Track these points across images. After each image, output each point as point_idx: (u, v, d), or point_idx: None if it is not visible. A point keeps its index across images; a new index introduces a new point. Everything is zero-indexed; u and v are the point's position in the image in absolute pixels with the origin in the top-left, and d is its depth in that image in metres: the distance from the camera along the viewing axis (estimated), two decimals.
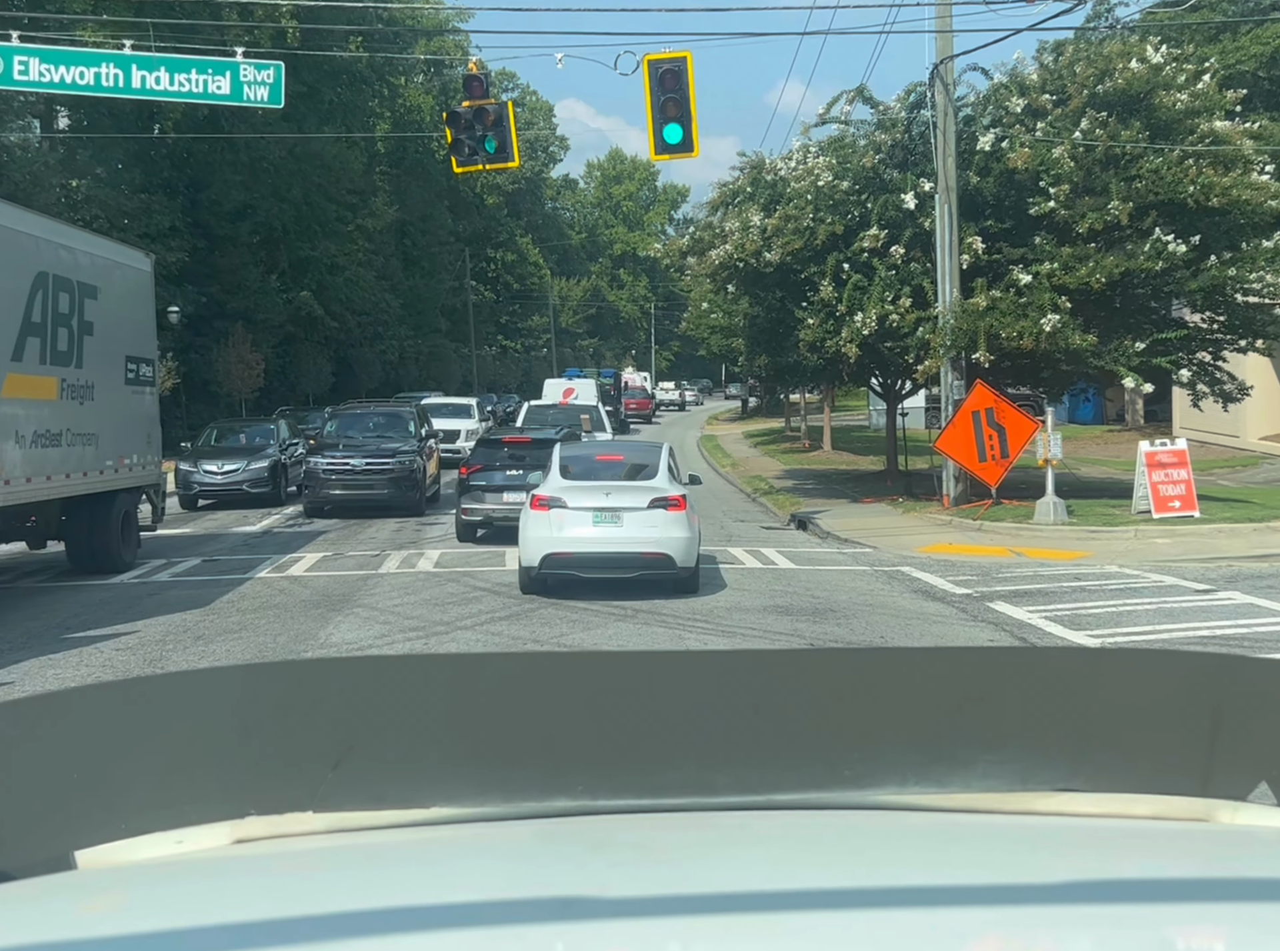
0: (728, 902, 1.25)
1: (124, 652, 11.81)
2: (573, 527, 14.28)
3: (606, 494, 14.56)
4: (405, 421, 26.13)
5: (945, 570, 16.65)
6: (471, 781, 1.59)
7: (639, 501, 14.43)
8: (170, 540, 20.46)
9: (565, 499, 14.45)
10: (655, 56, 18.47)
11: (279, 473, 26.99)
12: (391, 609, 14.08)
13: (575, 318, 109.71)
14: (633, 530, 14.25)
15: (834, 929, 1.18)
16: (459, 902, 1.28)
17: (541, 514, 14.41)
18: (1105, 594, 14.48)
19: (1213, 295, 21.77)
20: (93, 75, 18.91)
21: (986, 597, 14.47)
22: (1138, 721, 1.67)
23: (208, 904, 1.32)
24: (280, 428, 28.89)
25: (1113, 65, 21.84)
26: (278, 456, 27.20)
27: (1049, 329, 20.45)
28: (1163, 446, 19.89)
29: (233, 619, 13.51)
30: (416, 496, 24.01)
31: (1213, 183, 20.52)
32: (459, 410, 38.58)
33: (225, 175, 48.81)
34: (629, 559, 14.26)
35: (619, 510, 14.36)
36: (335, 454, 24.09)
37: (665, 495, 14.58)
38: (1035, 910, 1.24)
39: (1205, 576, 15.49)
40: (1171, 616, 12.96)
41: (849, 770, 1.61)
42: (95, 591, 15.54)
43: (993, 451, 20.92)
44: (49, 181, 37.38)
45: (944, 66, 21.52)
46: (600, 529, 14.32)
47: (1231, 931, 1.22)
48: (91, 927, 1.26)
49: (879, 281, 22.30)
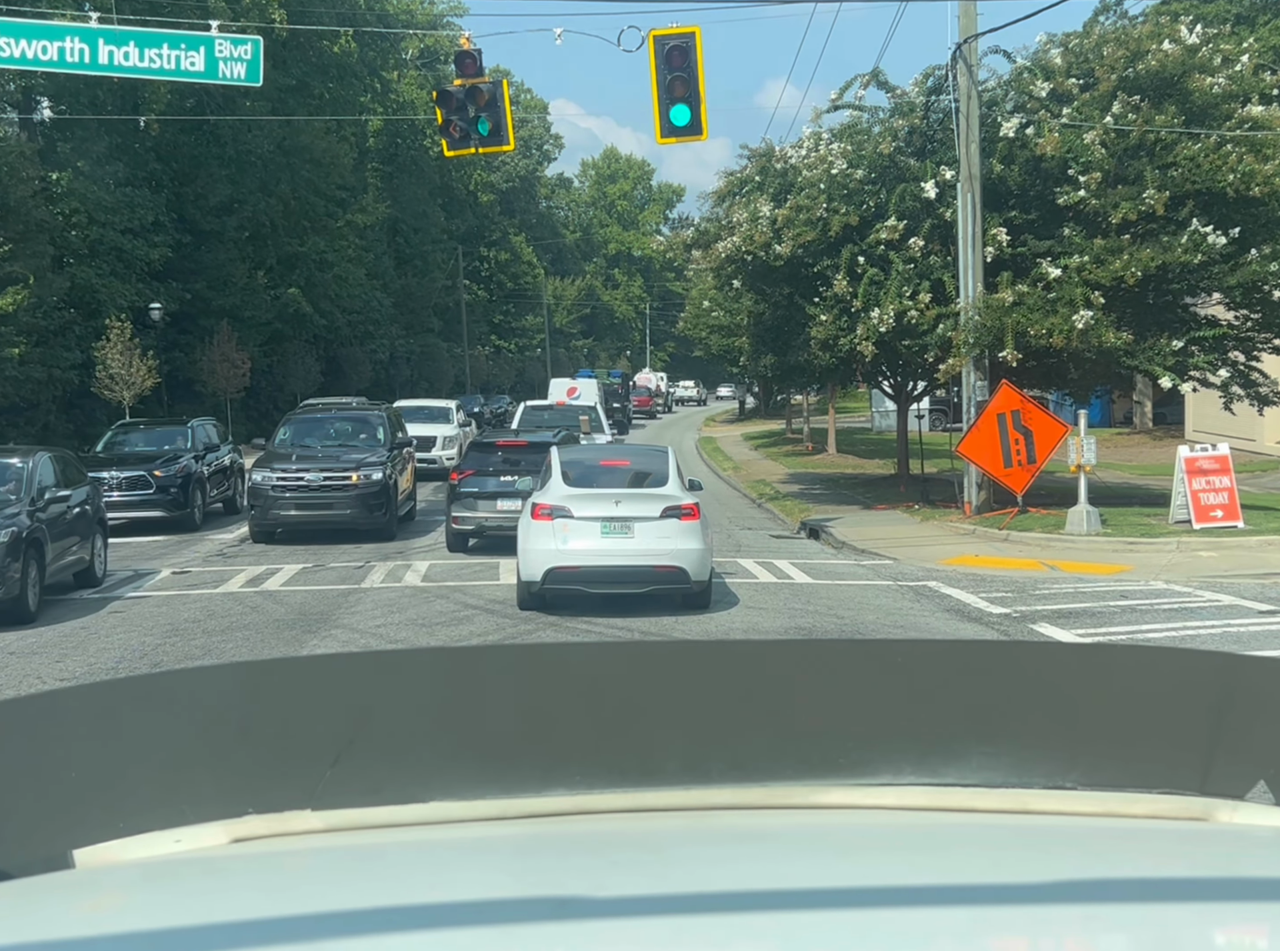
0: (725, 902, 1.24)
1: (68, 684, 10.47)
2: (579, 539, 13.08)
3: (616, 502, 13.41)
4: (373, 427, 22.18)
5: (976, 585, 15.38)
6: (469, 774, 1.59)
7: (651, 510, 13.29)
8: None
9: (570, 508, 13.20)
10: (661, 32, 17.24)
11: (191, 487, 21.61)
12: (373, 631, 12.77)
13: (570, 317, 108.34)
14: (644, 541, 13.08)
15: (832, 928, 1.18)
16: (457, 902, 1.27)
17: (544, 524, 13.14)
18: (1159, 615, 13.18)
19: (1250, 291, 20.52)
20: (56, 50, 17.60)
21: (1027, 618, 13.19)
22: (1137, 719, 1.65)
23: (206, 903, 1.33)
24: (198, 431, 23.39)
25: (1144, 47, 20.57)
26: (193, 467, 21.90)
27: (1081, 326, 19.15)
28: (1204, 452, 18.59)
29: (197, 642, 12.19)
30: (385, 517, 20.07)
31: (1254, 170, 19.26)
32: (435, 414, 33.81)
33: (211, 169, 47.44)
34: (640, 573, 13.09)
35: (630, 520, 13.19)
36: (287, 466, 19.89)
37: (679, 503, 13.44)
38: (1034, 909, 1.23)
39: (1265, 595, 14.19)
40: (1242, 643, 11.65)
41: (845, 759, 1.60)
42: (48, 608, 14.17)
43: (1019, 456, 19.63)
44: (26, 173, 35.94)
45: (967, 46, 20.22)
46: (609, 540, 13.13)
47: (1230, 931, 1.23)
48: (90, 926, 1.26)
49: (896, 275, 20.99)
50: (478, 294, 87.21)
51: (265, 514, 19.71)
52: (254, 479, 19.97)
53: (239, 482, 24.01)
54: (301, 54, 52.98)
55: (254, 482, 19.92)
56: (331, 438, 21.99)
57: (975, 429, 19.91)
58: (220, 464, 23.60)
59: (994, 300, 19.96)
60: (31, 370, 34.97)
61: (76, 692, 1.77)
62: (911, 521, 21.65)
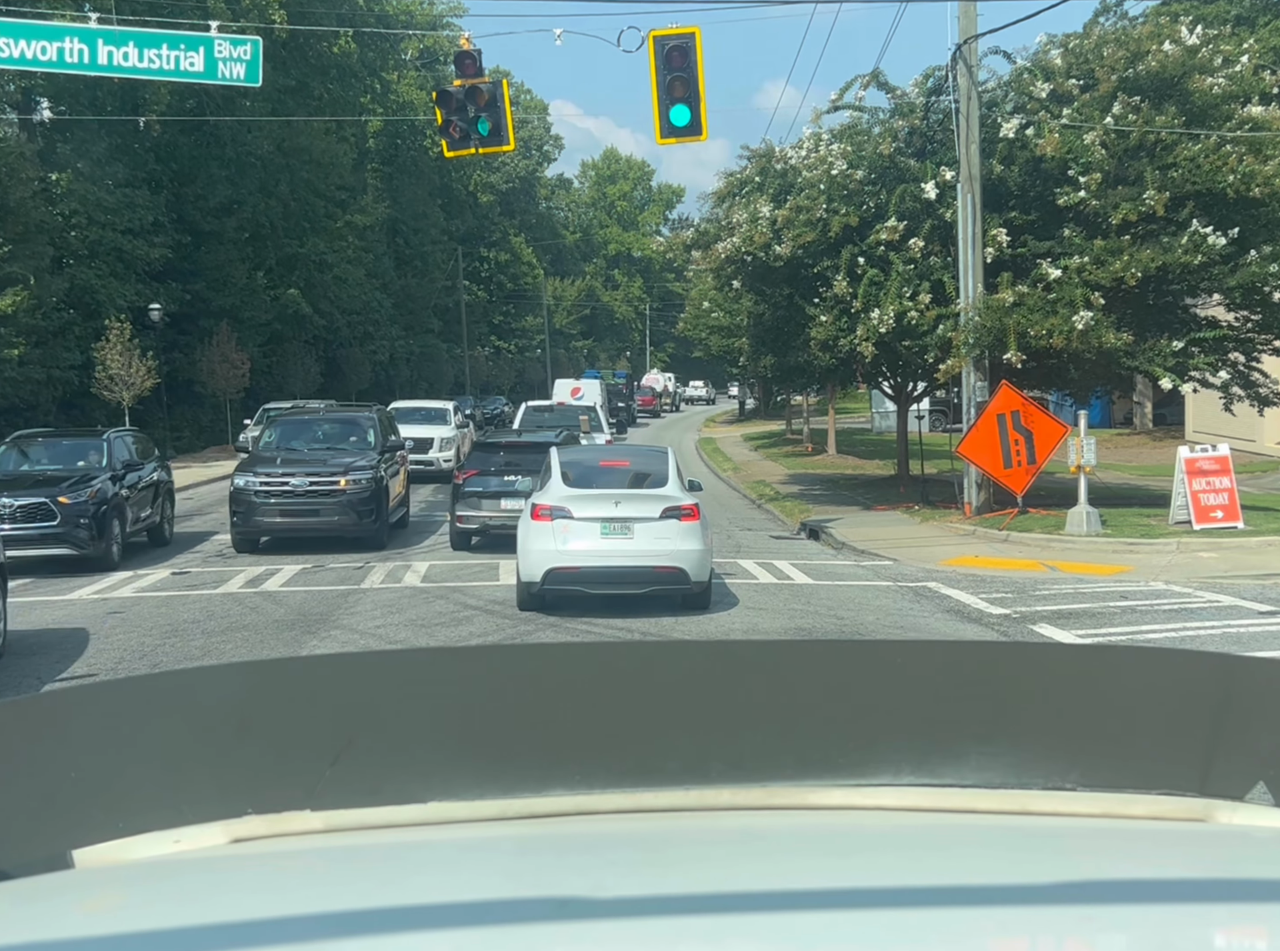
0: (725, 902, 1.24)
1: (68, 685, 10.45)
2: (579, 539, 13.11)
3: (616, 503, 13.41)
4: (363, 430, 20.74)
5: (975, 586, 15.36)
6: (469, 774, 1.58)
7: (651, 511, 13.30)
8: None
9: (570, 508, 13.23)
10: (661, 32, 17.23)
11: (106, 516, 17.29)
12: (373, 632, 12.75)
13: (570, 318, 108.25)
14: (644, 542, 13.11)
15: (832, 929, 1.18)
16: (457, 902, 1.27)
17: (544, 524, 13.17)
18: (1159, 615, 13.16)
19: (1251, 293, 20.50)
20: (55, 50, 17.59)
21: (1027, 618, 13.18)
22: (1136, 720, 1.65)
23: (205, 903, 1.32)
24: (115, 445, 18.88)
25: (1144, 48, 20.55)
26: (109, 491, 17.63)
27: (1081, 327, 19.11)
28: (1204, 452, 18.57)
29: (196, 643, 12.17)
30: (375, 524, 18.88)
31: (1255, 171, 19.24)
32: (432, 415, 32.88)
33: (211, 169, 47.43)
34: (640, 573, 13.12)
35: (630, 520, 13.22)
36: (271, 471, 18.85)
37: (679, 504, 13.45)
38: (1034, 910, 1.23)
39: (1265, 596, 14.17)
40: (1242, 643, 11.64)
41: (844, 759, 1.60)
42: (48, 609, 14.17)
43: (1019, 457, 19.62)
44: (26, 174, 35.91)
45: (967, 47, 20.19)
46: (609, 541, 13.16)
47: (1230, 932, 1.22)
48: (89, 927, 1.27)
49: (896, 276, 20.97)
50: (477, 295, 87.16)
51: (248, 521, 18.57)
52: (236, 483, 18.77)
53: (167, 507, 20.55)
54: (301, 55, 52.92)
55: (236, 487, 18.69)
56: (319, 440, 20.65)
57: (975, 429, 19.89)
58: (144, 484, 19.20)
59: (994, 301, 19.94)
60: (31, 371, 34.98)
61: (76, 693, 1.75)
62: (911, 522, 21.63)
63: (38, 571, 16.45)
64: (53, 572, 16.52)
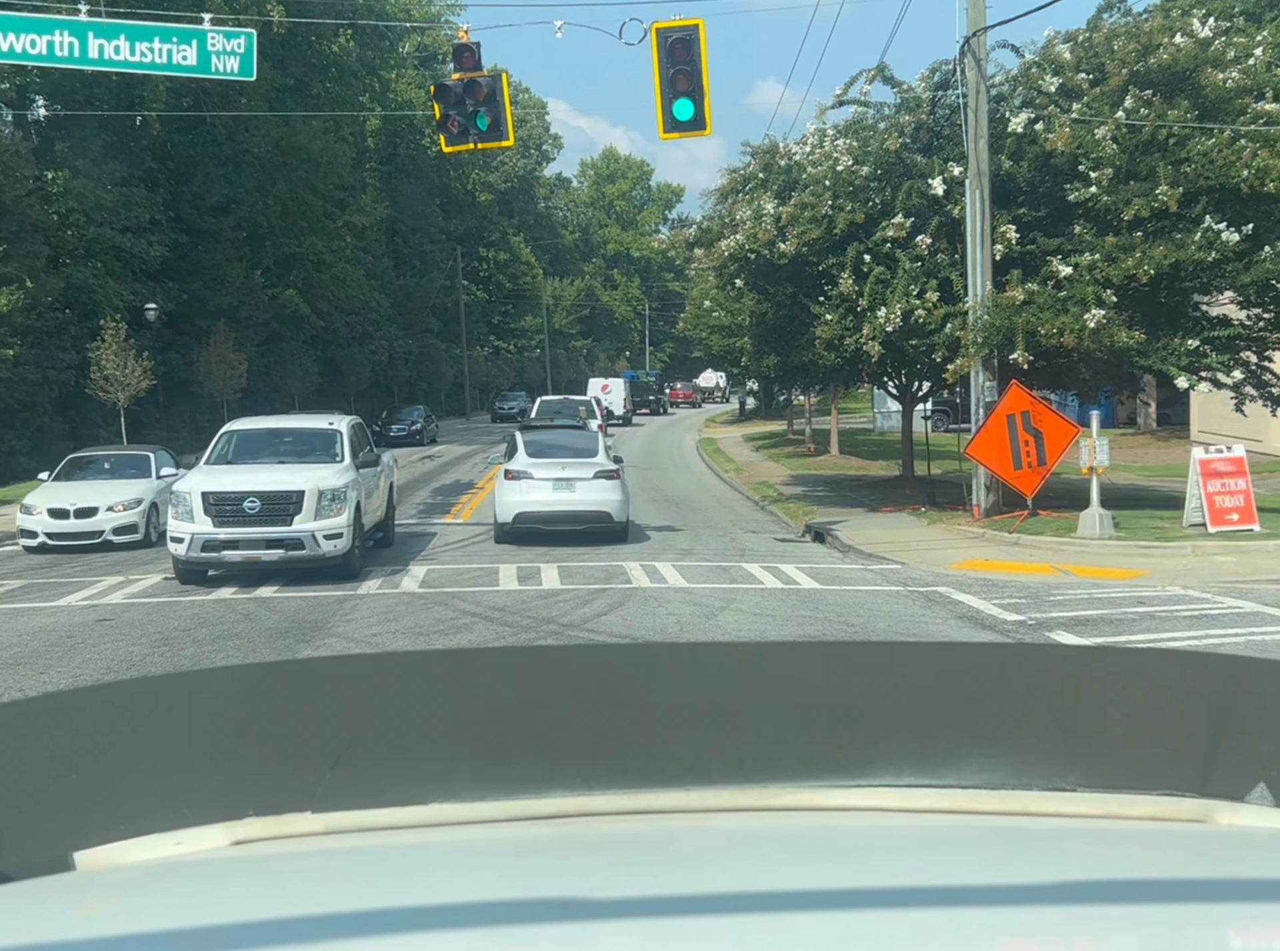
0: (725, 903, 1.24)
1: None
2: (538, 493, 18.88)
3: (563, 467, 19.14)
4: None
5: (988, 591, 14.97)
6: (469, 775, 1.58)
7: (586, 473, 19.07)
8: None
9: (532, 472, 19.02)
10: (664, 24, 16.87)
11: None
12: (369, 640, 12.37)
13: (569, 318, 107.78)
14: (582, 494, 18.94)
15: (833, 929, 1.18)
16: (458, 903, 1.26)
17: (513, 483, 19.10)
18: (1180, 622, 12.77)
19: (1265, 290, 20.12)
20: (45, 44, 17.22)
21: (1044, 625, 12.78)
22: (1136, 720, 1.64)
23: (206, 905, 1.32)
24: None
25: (1155, 41, 20.16)
26: None
27: (1093, 325, 18.72)
28: (1219, 453, 18.17)
29: (186, 652, 11.78)
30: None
31: (1269, 166, 18.84)
32: None
33: (208, 168, 47.03)
34: (580, 515, 18.87)
35: (572, 480, 18.99)
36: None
37: (607, 469, 19.35)
38: (1034, 911, 1.22)
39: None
40: (1268, 652, 11.21)
41: (845, 760, 1.60)
42: (35, 617, 13.78)
43: (1029, 458, 19.22)
44: (21, 172, 35.51)
45: (976, 40, 19.80)
46: (558, 494, 18.92)
47: (1230, 932, 1.22)
48: (90, 929, 1.26)
49: (903, 274, 20.58)
50: (476, 294, 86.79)
51: None
52: None
53: None
54: (299, 53, 52.58)
55: None
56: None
57: (985, 430, 19.49)
58: None
59: (1003, 299, 19.55)
60: (26, 371, 34.58)
61: (77, 694, 1.76)
62: (918, 524, 21.25)
63: None
64: (49, 576, 16.11)
